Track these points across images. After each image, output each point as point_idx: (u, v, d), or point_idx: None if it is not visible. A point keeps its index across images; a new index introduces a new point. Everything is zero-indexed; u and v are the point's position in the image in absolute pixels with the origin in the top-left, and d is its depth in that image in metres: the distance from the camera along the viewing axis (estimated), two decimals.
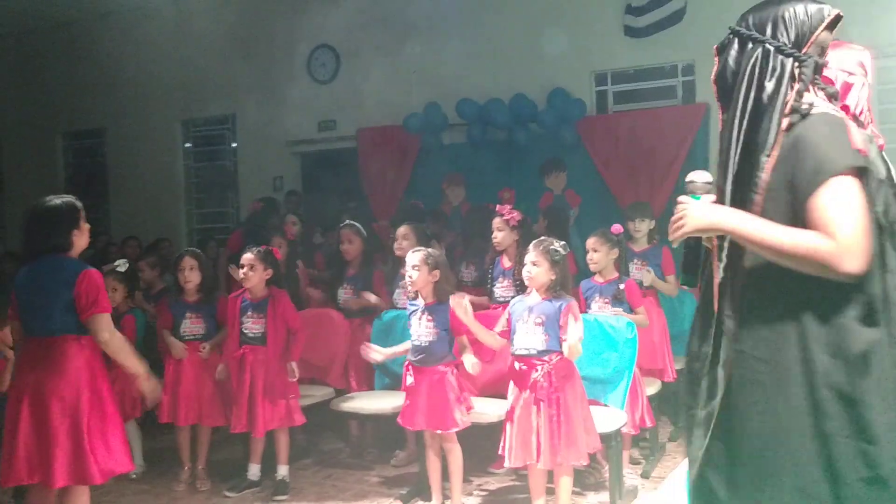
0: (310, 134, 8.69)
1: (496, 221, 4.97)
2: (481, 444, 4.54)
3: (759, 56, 2.00)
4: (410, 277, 4.11)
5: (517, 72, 7.39)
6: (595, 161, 7.13)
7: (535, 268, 3.79)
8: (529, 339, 3.77)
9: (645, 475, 4.58)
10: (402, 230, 5.07)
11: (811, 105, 1.95)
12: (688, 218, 2.01)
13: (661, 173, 6.78)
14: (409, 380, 4.12)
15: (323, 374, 5.14)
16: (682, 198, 2.08)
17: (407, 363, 4.16)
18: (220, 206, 9.66)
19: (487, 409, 4.23)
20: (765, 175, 1.92)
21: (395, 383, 4.69)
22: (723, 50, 2.10)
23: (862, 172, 1.86)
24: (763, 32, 2.02)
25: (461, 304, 3.88)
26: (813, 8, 2.01)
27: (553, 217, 5.85)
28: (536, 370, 3.72)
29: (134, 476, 4.72)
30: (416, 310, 4.16)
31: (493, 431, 4.12)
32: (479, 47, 7.56)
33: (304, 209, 8.23)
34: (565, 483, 3.77)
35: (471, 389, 4.32)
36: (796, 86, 1.96)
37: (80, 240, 3.59)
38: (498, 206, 5.06)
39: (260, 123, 8.85)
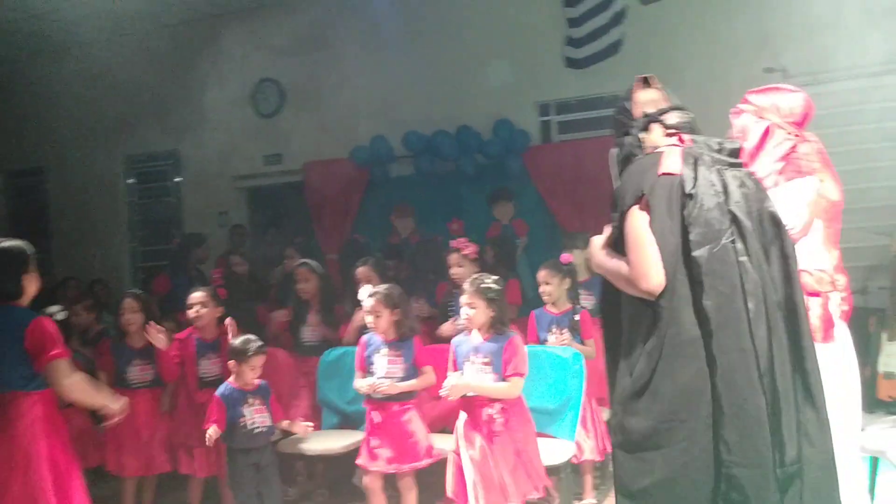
0: (255, 168, 8.62)
1: (454, 257, 4.95)
2: (431, 481, 4.49)
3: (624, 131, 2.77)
4: (373, 322, 4.08)
5: (462, 103, 7.44)
6: (541, 190, 7.19)
7: (472, 310, 3.77)
8: (478, 378, 3.74)
9: None
10: (363, 271, 5.00)
11: (643, 150, 2.52)
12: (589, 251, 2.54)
13: (606, 201, 6.82)
14: (375, 419, 4.05)
15: None
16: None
17: (370, 402, 4.09)
18: (166, 242, 9.49)
19: (442, 445, 4.19)
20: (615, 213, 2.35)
21: (343, 422, 4.63)
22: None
23: (645, 202, 2.23)
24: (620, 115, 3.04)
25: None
26: (632, 86, 2.98)
27: (500, 247, 5.88)
28: (492, 407, 3.69)
29: None
30: (379, 347, 4.11)
31: (441, 467, 4.08)
32: (423, 79, 7.60)
33: (249, 244, 8.15)
34: None
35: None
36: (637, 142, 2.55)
37: (31, 286, 3.37)
38: (454, 242, 5.05)
39: (204, 158, 8.74)
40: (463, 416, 3.82)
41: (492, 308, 3.76)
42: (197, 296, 4.54)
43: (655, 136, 2.49)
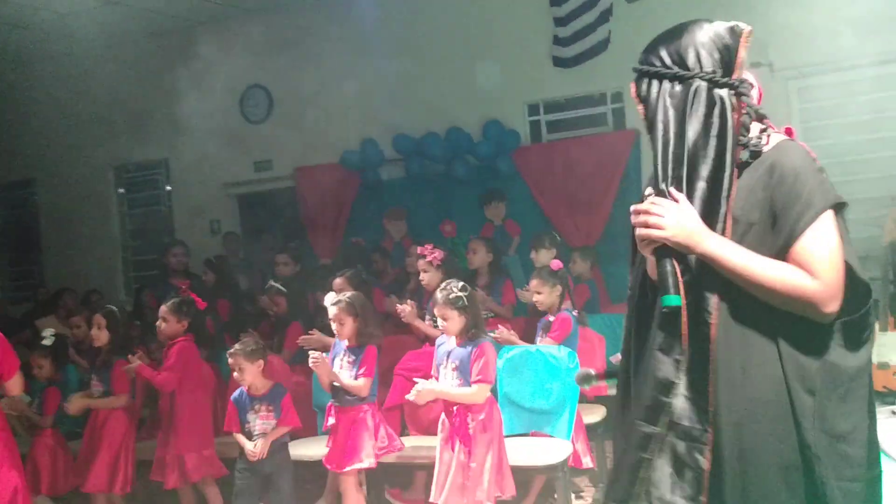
0: (246, 175, 8.61)
1: (420, 263, 5.02)
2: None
3: (693, 93, 1.79)
4: (337, 330, 4.16)
5: (451, 105, 7.44)
6: (532, 190, 7.21)
7: (444, 321, 3.84)
8: (446, 384, 3.83)
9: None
10: (339, 282, 5.06)
11: (767, 135, 1.83)
12: (666, 223, 1.75)
13: (597, 199, 6.88)
14: (331, 420, 4.15)
15: None
16: (652, 198, 1.79)
17: (329, 404, 4.18)
18: (158, 252, 9.45)
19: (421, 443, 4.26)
20: (726, 209, 1.78)
21: None
22: (647, 96, 1.86)
23: (840, 208, 1.79)
24: (684, 66, 1.82)
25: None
26: (724, 28, 1.85)
27: (493, 249, 5.88)
28: (452, 410, 3.78)
29: None
30: (338, 352, 4.19)
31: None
32: (412, 82, 7.60)
33: (243, 251, 8.14)
34: None
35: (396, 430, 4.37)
36: (738, 117, 1.80)
37: None
38: (419, 248, 5.08)
39: (194, 166, 8.72)
40: (443, 420, 3.88)
41: (464, 315, 3.82)
42: (161, 309, 4.59)
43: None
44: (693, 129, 1.78)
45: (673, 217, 1.76)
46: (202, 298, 4.76)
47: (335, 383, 4.09)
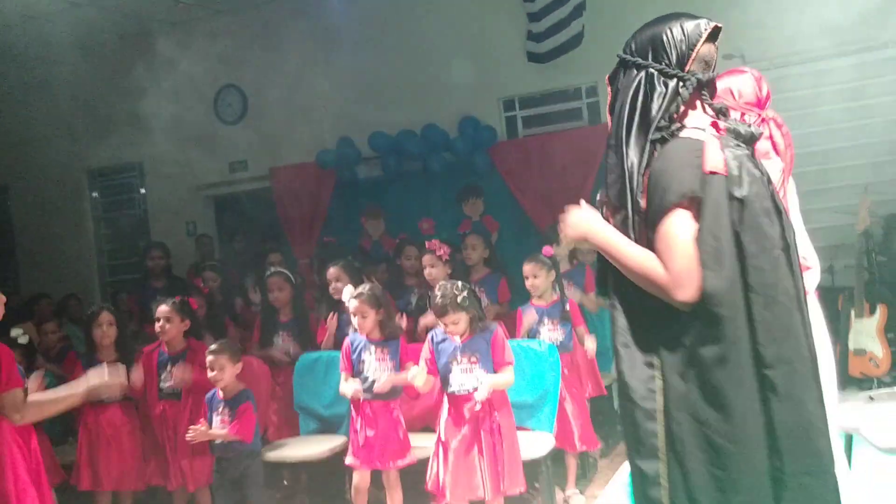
0: (221, 176, 8.54)
1: (427, 258, 4.99)
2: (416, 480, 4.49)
3: (643, 80, 2.01)
4: (359, 324, 4.08)
5: (426, 102, 7.43)
6: (510, 185, 7.21)
7: (456, 325, 3.81)
8: (468, 378, 3.79)
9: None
10: (333, 272, 5.00)
11: (679, 127, 1.99)
12: (568, 224, 2.13)
13: (574, 193, 6.82)
14: (361, 417, 4.06)
15: None
16: (569, 207, 2.15)
17: (362, 402, 4.09)
18: (133, 255, 9.37)
19: (423, 443, 4.20)
20: (640, 197, 1.98)
21: (323, 427, 4.61)
22: (613, 79, 2.12)
23: (693, 203, 1.93)
24: (645, 56, 2.03)
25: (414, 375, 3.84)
26: (690, 25, 2.03)
27: (487, 244, 5.87)
28: (473, 401, 3.73)
29: None
30: (365, 346, 4.13)
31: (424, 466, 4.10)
32: (386, 79, 7.58)
33: (220, 253, 8.08)
34: None
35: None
36: (671, 106, 1.99)
37: None
38: (428, 243, 5.06)
39: (168, 168, 8.62)
40: (445, 412, 3.83)
41: (470, 312, 3.82)
42: (161, 310, 4.52)
43: (695, 111, 2.06)
44: (629, 110, 2.01)
45: (574, 217, 2.12)
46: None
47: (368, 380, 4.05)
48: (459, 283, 3.90)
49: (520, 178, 7.17)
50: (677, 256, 1.91)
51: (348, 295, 4.23)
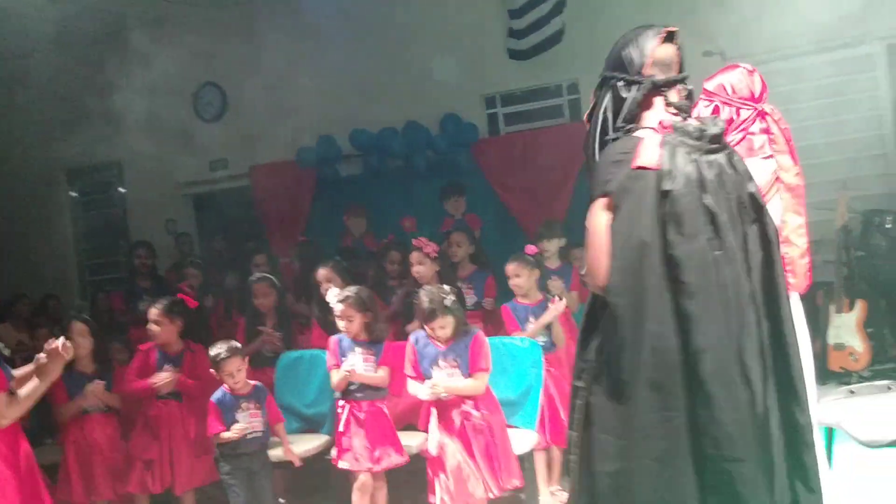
0: (201, 174, 8.47)
1: (415, 255, 4.95)
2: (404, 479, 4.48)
3: (611, 91, 2.23)
4: (346, 327, 4.07)
5: (408, 99, 7.40)
6: (492, 183, 7.20)
7: (443, 330, 3.80)
8: (451, 382, 3.76)
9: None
10: (324, 273, 4.96)
11: (633, 127, 2.19)
12: None
13: (556, 191, 6.90)
14: (353, 418, 4.05)
15: None
16: None
17: (344, 401, 4.09)
18: (113, 255, 9.29)
19: (409, 442, 4.20)
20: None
21: (304, 426, 4.59)
22: (596, 93, 2.34)
23: (613, 196, 2.11)
24: (611, 70, 2.26)
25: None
26: (646, 33, 2.23)
27: (473, 241, 5.85)
28: (466, 402, 3.74)
29: None
30: (351, 346, 4.12)
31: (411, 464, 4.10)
32: (368, 76, 7.54)
33: (200, 251, 8.03)
34: None
35: None
36: (629, 108, 2.20)
37: None
38: (415, 241, 5.04)
39: (148, 167, 8.55)
40: (434, 420, 3.82)
41: (455, 317, 3.81)
42: (152, 313, 4.48)
43: (652, 111, 2.21)
44: (602, 122, 2.26)
45: None
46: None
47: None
48: (446, 286, 3.90)
49: (502, 175, 7.16)
50: (588, 247, 2.16)
51: (333, 298, 4.21)
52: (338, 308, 4.09)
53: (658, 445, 2.01)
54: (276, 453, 4.47)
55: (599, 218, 2.13)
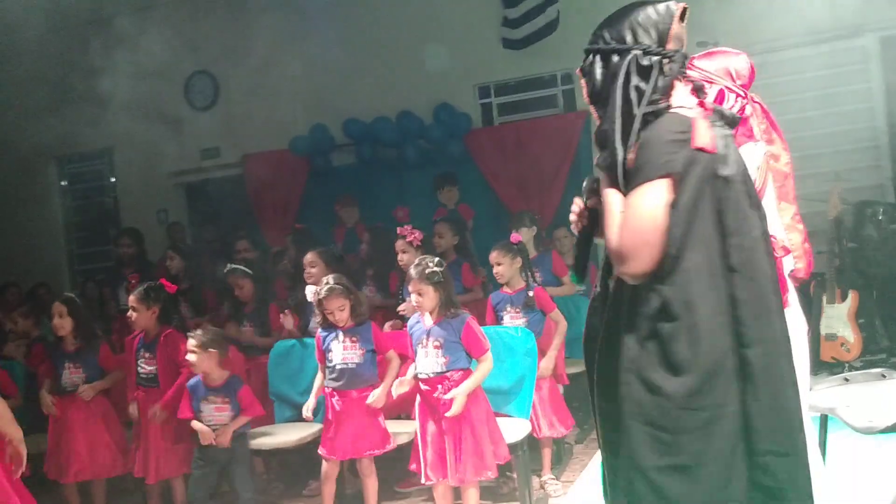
0: (193, 163, 8.44)
1: (400, 244, 4.96)
2: (390, 465, 4.48)
3: (628, 64, 2.02)
4: (338, 318, 4.08)
5: (401, 88, 7.38)
6: (484, 173, 7.20)
7: (420, 297, 3.78)
8: (430, 362, 3.77)
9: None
10: (310, 257, 4.97)
11: (667, 106, 2.00)
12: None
13: (549, 181, 6.90)
14: (336, 406, 4.05)
15: None
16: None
17: (329, 390, 4.09)
18: (103, 244, 9.24)
19: (398, 430, 4.20)
20: (623, 156, 1.98)
21: (297, 415, 4.58)
22: (588, 71, 2.12)
23: (672, 179, 1.92)
24: (623, 42, 2.06)
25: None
26: (661, 7, 2.08)
27: (457, 229, 5.85)
28: (438, 389, 3.71)
29: None
30: (334, 334, 4.11)
31: (398, 453, 4.09)
32: (361, 66, 7.52)
33: (191, 240, 7.99)
34: (472, 496, 3.75)
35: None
36: (662, 83, 2.01)
37: None
38: (399, 229, 5.04)
39: (139, 155, 8.52)
40: (418, 397, 3.83)
41: (438, 291, 3.76)
42: (130, 299, 4.53)
43: (675, 92, 2.07)
44: (619, 92, 2.01)
45: None
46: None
47: (348, 366, 4.05)
48: (438, 260, 3.87)
49: (494, 165, 7.16)
50: (632, 230, 1.92)
51: (312, 295, 4.22)
52: (329, 300, 4.07)
53: (714, 442, 1.92)
54: (268, 441, 4.46)
55: (658, 199, 1.91)
